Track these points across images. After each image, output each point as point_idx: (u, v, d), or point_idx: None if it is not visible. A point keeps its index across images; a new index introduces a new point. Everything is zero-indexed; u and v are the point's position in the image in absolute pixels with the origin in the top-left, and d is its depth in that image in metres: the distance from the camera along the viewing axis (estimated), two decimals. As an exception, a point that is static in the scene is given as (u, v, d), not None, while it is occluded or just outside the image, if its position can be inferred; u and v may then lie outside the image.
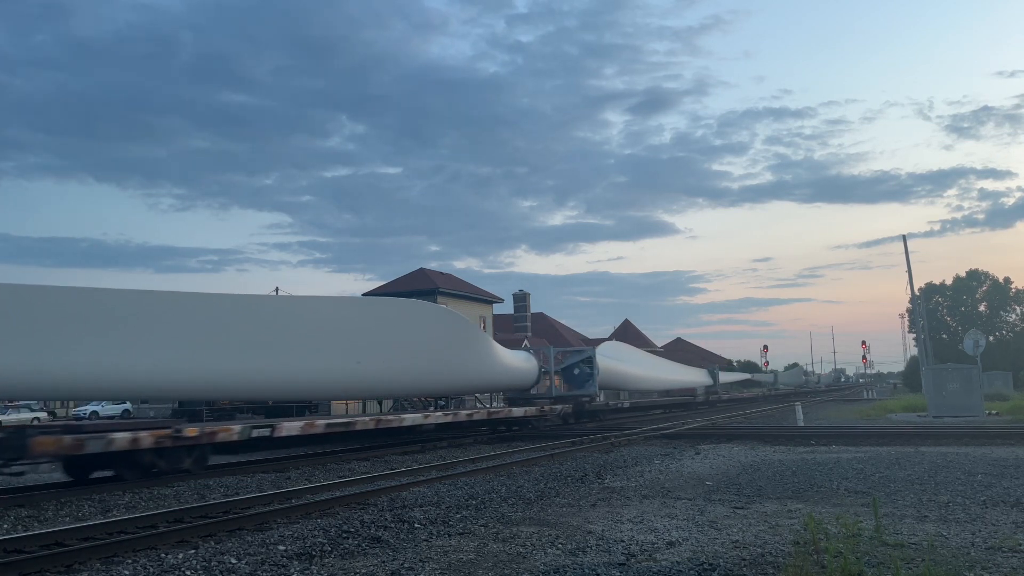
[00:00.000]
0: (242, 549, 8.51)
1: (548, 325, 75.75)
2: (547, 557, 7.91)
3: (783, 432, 24.79)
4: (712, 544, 8.38)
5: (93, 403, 53.31)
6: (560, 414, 30.50)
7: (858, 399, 66.16)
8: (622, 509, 10.87)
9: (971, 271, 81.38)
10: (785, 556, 7.62)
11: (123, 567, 7.72)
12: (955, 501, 11.01)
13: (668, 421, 33.92)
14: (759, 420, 35.31)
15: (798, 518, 9.78)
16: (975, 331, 39.30)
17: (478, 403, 32.21)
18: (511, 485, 13.55)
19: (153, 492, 13.82)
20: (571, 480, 14.24)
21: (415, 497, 12.28)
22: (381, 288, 47.85)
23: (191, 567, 7.65)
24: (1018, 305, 78.83)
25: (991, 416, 31.17)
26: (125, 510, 11.90)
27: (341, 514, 10.79)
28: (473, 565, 7.65)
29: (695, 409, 49.60)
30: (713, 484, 13.38)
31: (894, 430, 24.49)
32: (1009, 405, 36.12)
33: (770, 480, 13.73)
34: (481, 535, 9.20)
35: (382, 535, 9.19)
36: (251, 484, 14.74)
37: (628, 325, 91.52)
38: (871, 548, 7.89)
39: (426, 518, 10.30)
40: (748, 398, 70.30)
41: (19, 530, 10.13)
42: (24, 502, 12.49)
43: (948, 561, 7.33)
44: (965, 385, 32.17)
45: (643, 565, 7.44)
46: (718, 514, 10.30)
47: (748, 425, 30.44)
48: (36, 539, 8.77)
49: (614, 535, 8.95)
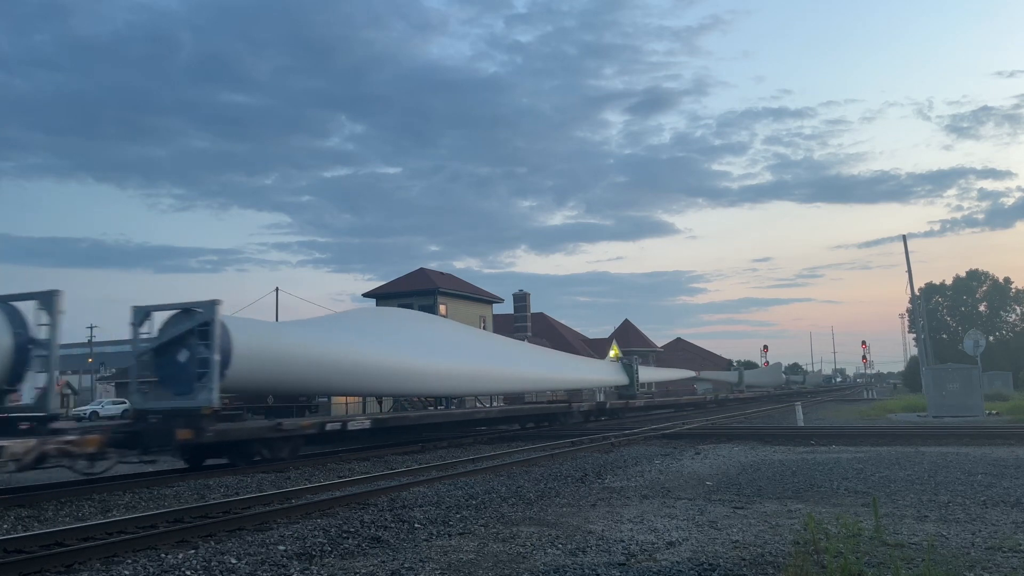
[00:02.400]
0: (242, 549, 8.51)
1: (548, 325, 75.71)
2: (547, 557, 7.91)
3: (783, 432, 24.79)
4: (712, 544, 8.38)
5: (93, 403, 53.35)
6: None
7: (858, 399, 66.14)
8: (622, 509, 10.87)
9: (971, 271, 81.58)
10: (785, 556, 7.62)
11: (123, 567, 7.72)
12: (955, 501, 11.01)
13: (668, 421, 33.96)
14: (759, 420, 35.33)
15: (798, 518, 9.78)
16: (975, 331, 39.33)
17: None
18: (511, 485, 13.55)
19: (153, 492, 13.82)
20: (571, 480, 14.24)
21: (415, 497, 12.28)
22: (381, 288, 47.75)
23: (191, 567, 7.65)
24: (1018, 305, 78.92)
25: (991, 416, 31.17)
26: (125, 510, 11.90)
27: (341, 514, 10.78)
28: (473, 565, 7.65)
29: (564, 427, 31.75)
30: (713, 484, 13.38)
31: (894, 430, 24.49)
32: (1009, 405, 36.13)
33: (770, 480, 13.73)
34: (481, 535, 9.19)
35: (382, 535, 9.19)
36: (251, 484, 14.74)
37: (628, 325, 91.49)
38: (871, 548, 7.89)
39: (426, 518, 10.30)
40: (690, 403, 53.67)
41: (19, 530, 10.13)
42: (24, 502, 12.49)
43: (948, 561, 7.33)
44: (965, 385, 32.18)
45: (643, 565, 7.44)
46: (718, 514, 10.30)
47: (748, 425, 30.46)
48: (36, 539, 8.77)
49: (614, 535, 8.95)
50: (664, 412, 46.52)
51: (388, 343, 23.79)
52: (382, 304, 46.35)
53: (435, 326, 29.25)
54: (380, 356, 23.01)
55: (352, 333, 23.03)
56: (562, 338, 72.51)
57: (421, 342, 25.32)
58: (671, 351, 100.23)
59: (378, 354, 22.94)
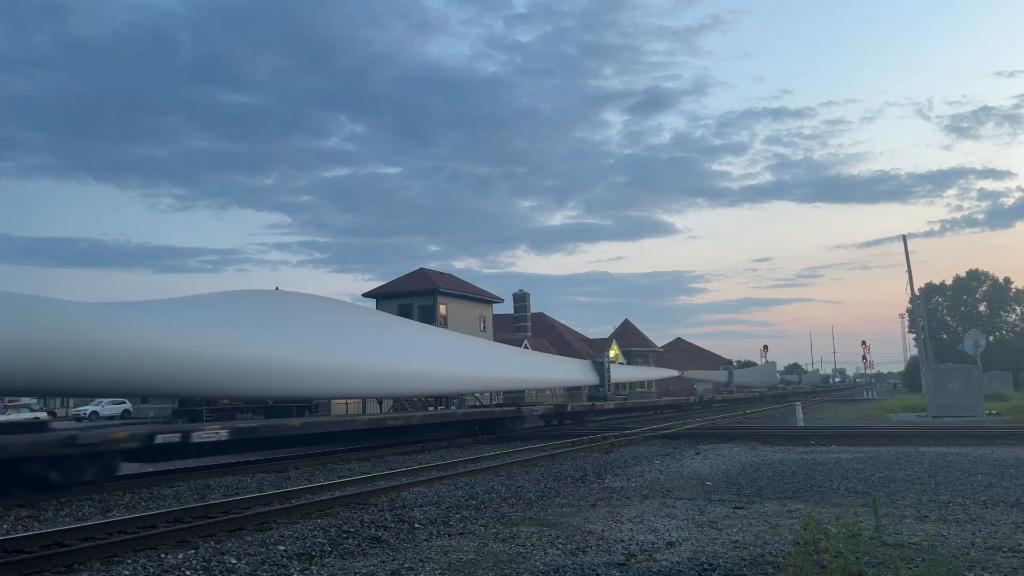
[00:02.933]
0: (242, 549, 8.51)
1: (548, 325, 75.74)
2: (547, 557, 7.91)
3: (783, 432, 24.80)
4: (712, 544, 8.38)
5: (93, 403, 53.33)
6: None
7: (858, 399, 66.15)
8: (622, 509, 10.87)
9: (971, 271, 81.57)
10: (785, 556, 7.62)
11: (123, 567, 7.72)
12: (955, 501, 11.01)
13: (667, 421, 33.94)
14: (759, 420, 35.33)
15: (798, 518, 9.78)
16: (975, 331, 39.33)
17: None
18: (511, 485, 13.55)
19: (153, 492, 13.82)
20: (571, 480, 14.24)
21: (415, 497, 12.28)
22: (381, 288, 47.77)
23: (191, 567, 7.65)
24: (1018, 305, 78.90)
25: (991, 416, 31.17)
26: (125, 510, 11.90)
27: (341, 514, 10.79)
28: (473, 565, 7.65)
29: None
30: (713, 484, 13.38)
31: (894, 430, 24.49)
32: (1009, 405, 36.14)
33: (770, 480, 13.73)
34: (481, 535, 9.19)
35: (382, 535, 9.19)
36: (251, 484, 14.75)
37: (628, 325, 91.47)
38: (871, 548, 7.89)
39: (426, 518, 10.30)
40: (671, 404, 48.86)
41: (19, 530, 10.13)
42: (24, 502, 12.49)
43: (948, 561, 7.33)
44: (965, 385, 32.19)
45: (643, 565, 7.44)
46: (718, 514, 10.30)
47: (748, 425, 30.46)
48: (36, 539, 8.77)
49: (614, 535, 8.95)
50: (637, 415, 42.03)
51: (276, 335, 19.38)
52: (382, 304, 46.41)
53: (352, 317, 24.32)
54: (258, 351, 18.25)
55: (225, 323, 18.43)
56: (562, 338, 72.53)
57: (324, 334, 21.22)
58: (671, 351, 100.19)
59: (253, 348, 18.16)
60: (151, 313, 17.13)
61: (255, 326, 19.22)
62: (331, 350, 20.80)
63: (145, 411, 44.57)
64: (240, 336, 18.35)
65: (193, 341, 16.82)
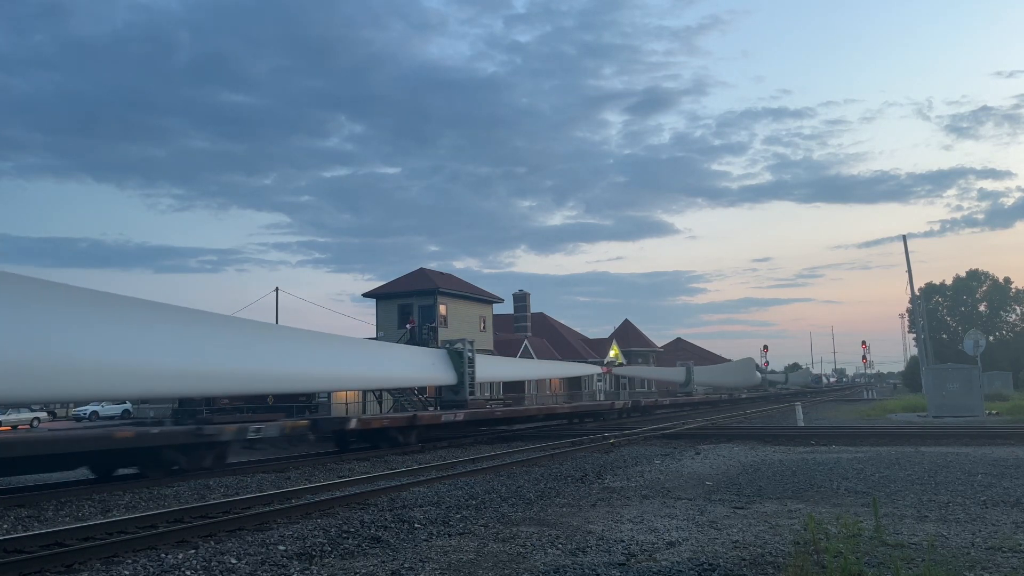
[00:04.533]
0: (242, 549, 8.51)
1: (548, 325, 75.73)
2: (547, 557, 7.91)
3: (783, 432, 24.79)
4: (712, 544, 8.38)
5: (93, 403, 53.33)
6: None
7: (858, 399, 66.15)
8: (622, 509, 10.87)
9: (971, 271, 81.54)
10: (785, 556, 7.62)
11: (123, 567, 7.72)
12: (955, 501, 11.01)
13: (668, 421, 33.93)
14: (759, 420, 35.32)
15: (798, 518, 9.78)
16: (975, 331, 39.31)
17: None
18: (511, 485, 13.55)
19: (153, 492, 13.83)
20: (571, 480, 14.23)
21: (415, 497, 12.28)
22: (382, 288, 47.75)
23: (191, 567, 7.65)
24: (1018, 305, 78.87)
25: (991, 416, 31.17)
26: (125, 510, 11.90)
27: (341, 514, 10.78)
28: (473, 565, 7.65)
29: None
30: (713, 484, 13.38)
31: (894, 430, 24.49)
32: (1009, 405, 36.12)
33: (770, 480, 13.73)
34: (481, 535, 9.19)
35: (382, 535, 9.19)
36: (251, 484, 14.75)
37: (628, 325, 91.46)
38: (871, 548, 7.89)
39: (426, 518, 10.30)
40: (590, 412, 37.44)
41: (19, 530, 10.13)
42: (24, 502, 12.49)
43: (948, 561, 7.33)
44: (965, 385, 32.19)
45: (643, 565, 7.44)
46: (718, 514, 10.30)
47: (748, 425, 30.45)
48: (36, 539, 8.77)
49: (614, 535, 8.95)
50: (504, 429, 29.76)
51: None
52: (382, 305, 46.40)
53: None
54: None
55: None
56: (562, 338, 72.53)
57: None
58: (671, 351, 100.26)
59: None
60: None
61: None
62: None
63: (145, 411, 44.54)
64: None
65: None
